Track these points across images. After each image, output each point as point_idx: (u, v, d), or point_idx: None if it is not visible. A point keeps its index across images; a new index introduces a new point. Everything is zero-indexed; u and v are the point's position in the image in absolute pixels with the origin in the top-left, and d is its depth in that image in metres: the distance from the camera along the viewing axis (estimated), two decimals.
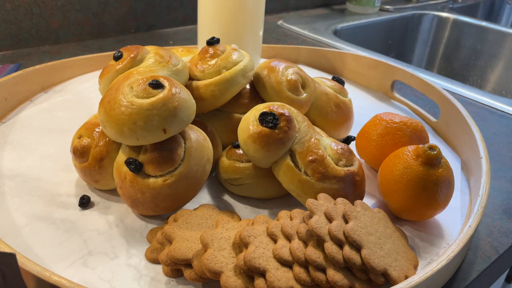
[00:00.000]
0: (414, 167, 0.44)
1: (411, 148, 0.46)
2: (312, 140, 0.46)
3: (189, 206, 0.46)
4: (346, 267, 0.37)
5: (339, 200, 0.42)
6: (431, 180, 0.44)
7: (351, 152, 0.47)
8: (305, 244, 0.38)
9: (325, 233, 0.37)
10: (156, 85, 0.43)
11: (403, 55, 1.40)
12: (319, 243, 0.38)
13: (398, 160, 0.46)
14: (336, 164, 0.46)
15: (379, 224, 0.41)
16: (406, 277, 0.38)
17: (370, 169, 0.56)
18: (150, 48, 0.52)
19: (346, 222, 0.39)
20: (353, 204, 0.42)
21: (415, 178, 0.44)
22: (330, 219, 0.39)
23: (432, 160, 0.44)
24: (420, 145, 0.45)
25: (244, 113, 0.53)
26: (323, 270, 0.36)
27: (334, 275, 0.36)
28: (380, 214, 0.43)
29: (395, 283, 0.37)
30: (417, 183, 0.44)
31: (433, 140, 0.64)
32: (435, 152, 0.44)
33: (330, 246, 0.37)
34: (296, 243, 0.37)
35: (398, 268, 0.38)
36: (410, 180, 0.44)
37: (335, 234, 0.37)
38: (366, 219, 0.41)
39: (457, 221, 0.48)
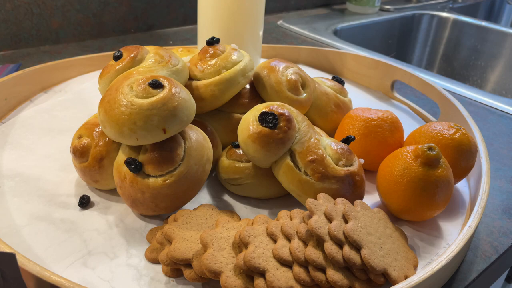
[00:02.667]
0: (413, 167, 0.44)
1: (410, 148, 0.46)
2: (312, 140, 0.46)
3: (189, 206, 0.46)
4: (346, 267, 0.37)
5: (339, 200, 0.42)
6: (430, 180, 0.44)
7: (351, 152, 0.47)
8: (305, 244, 0.38)
9: (325, 233, 0.37)
10: (156, 85, 0.43)
11: (403, 55, 1.40)
12: (319, 243, 0.37)
13: (397, 161, 0.46)
14: (336, 164, 0.46)
15: (379, 224, 0.41)
16: (406, 277, 0.38)
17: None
18: (150, 48, 0.52)
19: (346, 222, 0.39)
20: (353, 204, 0.42)
21: (414, 179, 0.44)
22: (330, 219, 0.39)
23: (432, 161, 0.44)
24: (419, 146, 0.45)
25: (244, 113, 0.53)
26: (323, 270, 0.36)
27: (333, 275, 0.36)
28: (380, 214, 0.43)
29: (394, 283, 0.37)
30: (416, 184, 0.44)
31: None
32: (434, 153, 0.44)
33: (330, 246, 0.37)
34: (296, 243, 0.37)
35: (397, 268, 0.38)
36: (409, 181, 0.44)
37: (335, 234, 0.37)
38: (366, 219, 0.41)
39: (457, 221, 0.48)
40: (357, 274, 0.37)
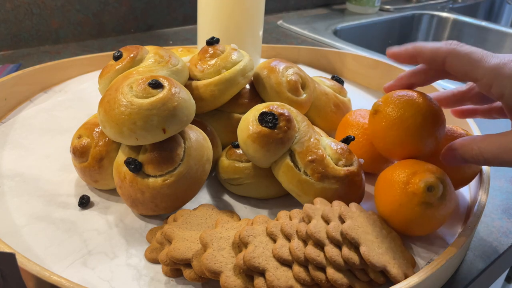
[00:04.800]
0: (409, 206, 0.41)
1: (405, 179, 0.42)
2: (312, 140, 0.46)
3: (189, 206, 0.46)
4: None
5: (335, 202, 0.42)
6: (430, 218, 0.41)
7: (350, 152, 0.47)
8: (305, 243, 0.38)
9: (324, 237, 0.37)
10: (156, 85, 0.43)
11: None
12: (319, 246, 0.37)
13: (392, 194, 0.42)
14: (336, 164, 0.46)
15: (375, 225, 0.41)
16: (406, 275, 0.38)
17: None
18: (149, 48, 0.52)
19: (343, 222, 0.39)
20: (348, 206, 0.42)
21: (412, 218, 0.41)
22: (327, 221, 0.39)
23: (431, 200, 0.41)
24: (418, 180, 0.41)
25: (244, 113, 0.53)
26: (323, 269, 0.36)
27: (334, 273, 0.36)
28: (374, 216, 0.43)
29: (394, 279, 0.37)
30: (414, 221, 0.41)
31: None
32: (434, 192, 0.41)
33: (330, 250, 0.37)
34: (296, 243, 0.37)
35: (397, 265, 0.38)
36: (406, 217, 0.41)
37: (333, 235, 0.37)
38: (362, 219, 0.41)
39: (456, 220, 0.48)
40: (358, 275, 0.37)
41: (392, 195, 0.42)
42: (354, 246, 0.37)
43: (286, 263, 0.36)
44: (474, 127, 0.58)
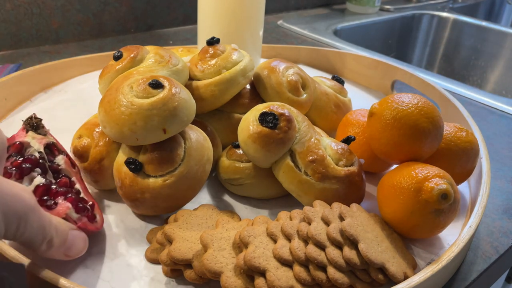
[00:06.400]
0: (421, 213, 0.41)
1: (417, 186, 0.41)
2: (312, 140, 0.46)
3: (189, 206, 0.46)
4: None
5: (335, 204, 0.42)
6: (440, 223, 0.42)
7: (351, 152, 0.47)
8: (305, 243, 0.38)
9: (325, 239, 0.37)
10: (156, 85, 0.43)
11: (403, 55, 1.40)
12: (320, 249, 0.37)
13: (403, 202, 0.41)
14: (336, 164, 0.46)
15: (375, 225, 0.41)
16: (405, 275, 0.38)
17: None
18: (150, 48, 0.52)
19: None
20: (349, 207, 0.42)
21: (422, 224, 0.41)
22: (327, 223, 0.39)
23: (444, 207, 0.41)
24: (431, 188, 0.40)
25: (244, 113, 0.53)
26: (323, 269, 0.36)
27: (335, 273, 0.36)
28: (376, 217, 0.43)
29: (393, 277, 0.37)
30: (423, 227, 0.42)
31: None
32: (447, 199, 0.40)
33: (331, 252, 0.37)
34: (297, 243, 0.37)
35: (396, 264, 0.38)
36: (416, 224, 0.41)
37: (334, 236, 0.37)
38: (363, 219, 0.41)
39: (457, 221, 0.48)
40: (360, 275, 0.37)
41: (402, 202, 0.41)
42: (355, 246, 0.37)
43: (286, 263, 0.36)
44: (474, 126, 0.58)
